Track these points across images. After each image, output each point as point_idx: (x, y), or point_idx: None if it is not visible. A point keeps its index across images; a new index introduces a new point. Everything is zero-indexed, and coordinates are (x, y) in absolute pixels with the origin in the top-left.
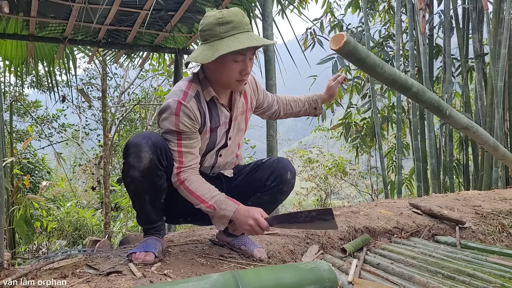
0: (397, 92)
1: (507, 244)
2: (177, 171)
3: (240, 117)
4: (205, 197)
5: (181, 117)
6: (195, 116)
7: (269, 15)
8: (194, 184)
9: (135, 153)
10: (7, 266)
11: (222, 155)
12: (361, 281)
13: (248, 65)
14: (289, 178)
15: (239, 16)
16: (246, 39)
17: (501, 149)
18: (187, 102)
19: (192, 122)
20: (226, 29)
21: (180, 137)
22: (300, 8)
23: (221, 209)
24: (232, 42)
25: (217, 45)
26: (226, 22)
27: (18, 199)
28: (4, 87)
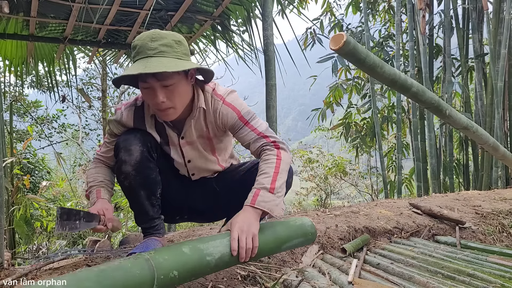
0: (397, 92)
1: (507, 244)
2: (93, 159)
3: (199, 141)
4: (89, 184)
5: (113, 119)
6: (124, 122)
7: (269, 15)
8: (89, 172)
9: (125, 148)
10: (7, 266)
11: (194, 174)
12: (361, 281)
13: (159, 94)
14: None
15: (145, 40)
16: (136, 67)
17: (501, 149)
18: (125, 109)
19: (118, 125)
20: (133, 54)
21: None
22: (300, 8)
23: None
24: (129, 68)
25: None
26: (133, 47)
27: (18, 199)
28: (4, 87)
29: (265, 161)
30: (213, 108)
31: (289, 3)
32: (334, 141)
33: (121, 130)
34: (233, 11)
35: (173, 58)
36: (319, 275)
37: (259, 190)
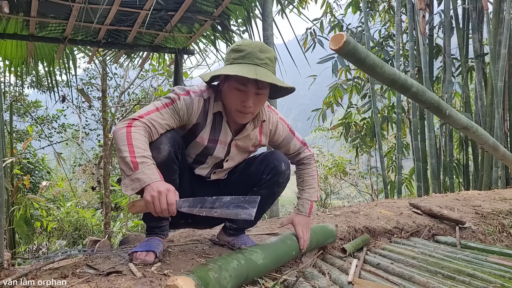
0: (397, 92)
1: (507, 244)
2: (136, 117)
3: (248, 148)
4: (137, 150)
5: (182, 98)
6: (192, 109)
7: (269, 15)
8: (138, 135)
9: (155, 145)
10: (7, 266)
11: (216, 173)
12: (361, 281)
13: (250, 98)
14: (283, 169)
15: (254, 49)
16: (247, 70)
17: (501, 149)
18: (195, 96)
19: (185, 109)
20: (236, 57)
21: (170, 104)
22: (300, 8)
23: (143, 172)
24: (232, 68)
25: (222, 68)
26: (239, 50)
27: (18, 199)
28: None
29: (311, 176)
30: (271, 121)
31: (289, 3)
32: (334, 141)
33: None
34: (233, 11)
35: (272, 72)
36: (319, 275)
37: (313, 202)
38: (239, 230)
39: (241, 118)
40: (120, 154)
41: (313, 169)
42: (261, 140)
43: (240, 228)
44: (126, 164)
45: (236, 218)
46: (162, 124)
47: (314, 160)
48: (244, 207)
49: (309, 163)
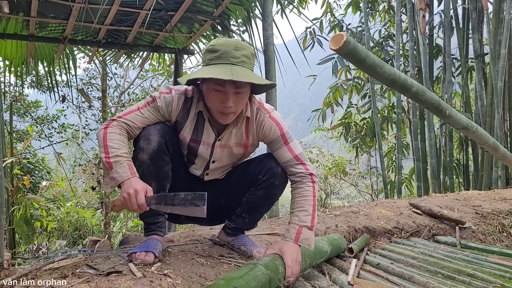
0: (397, 92)
1: (507, 244)
2: (114, 119)
3: (235, 148)
4: (111, 150)
5: (162, 96)
6: (171, 107)
7: (269, 15)
8: (113, 135)
9: (145, 136)
10: (7, 266)
11: (208, 174)
12: (361, 281)
13: (230, 98)
14: (280, 171)
15: (229, 47)
16: (223, 71)
17: (501, 149)
18: (176, 94)
19: (165, 107)
20: (211, 57)
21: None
22: (300, 8)
23: (115, 171)
24: (207, 70)
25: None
26: (213, 50)
27: (18, 199)
28: (4, 87)
29: (303, 197)
30: (259, 119)
31: (289, 3)
32: (334, 141)
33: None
34: (233, 11)
35: (250, 70)
36: (319, 275)
37: (301, 228)
38: (237, 230)
39: (224, 119)
40: (100, 155)
41: (306, 189)
42: (248, 139)
43: (238, 228)
44: (104, 164)
45: (193, 215)
46: (141, 120)
47: (311, 180)
48: (196, 204)
49: (301, 181)
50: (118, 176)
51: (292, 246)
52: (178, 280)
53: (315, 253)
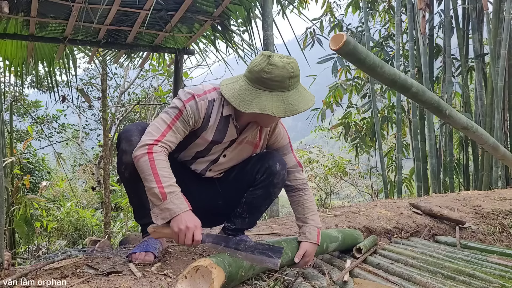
0: (397, 92)
1: (507, 244)
2: (153, 142)
3: (245, 145)
4: (164, 180)
5: (187, 105)
6: (198, 113)
7: (269, 15)
8: (162, 162)
9: (126, 138)
10: (7, 266)
11: (211, 169)
12: (361, 281)
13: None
14: (278, 169)
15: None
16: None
17: (501, 149)
18: (199, 100)
19: (193, 115)
20: (293, 82)
21: (179, 116)
22: (300, 8)
23: (171, 202)
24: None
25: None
26: (295, 76)
27: (18, 199)
28: (4, 87)
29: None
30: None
31: (289, 3)
32: (334, 141)
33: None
34: (233, 11)
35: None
36: (319, 275)
37: (319, 229)
38: (238, 230)
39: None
40: (147, 184)
41: (310, 194)
42: (260, 139)
43: (238, 229)
44: (154, 195)
45: (261, 265)
46: (176, 142)
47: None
48: (269, 255)
49: (305, 188)
50: (176, 207)
51: (312, 246)
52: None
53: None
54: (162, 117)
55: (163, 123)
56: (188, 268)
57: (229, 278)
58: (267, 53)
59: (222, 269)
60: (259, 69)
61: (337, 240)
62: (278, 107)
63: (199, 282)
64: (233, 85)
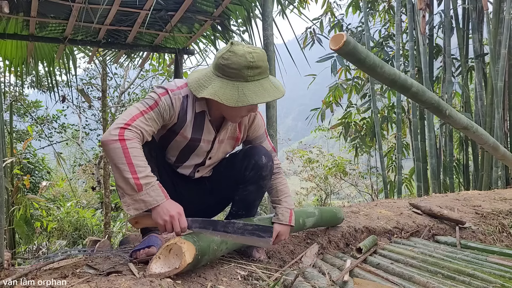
0: (397, 92)
1: (507, 244)
2: (122, 125)
3: (227, 141)
4: (139, 169)
5: (163, 98)
6: (173, 108)
7: (269, 15)
8: (135, 150)
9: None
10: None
11: (199, 171)
12: (361, 281)
13: (246, 111)
14: (264, 162)
15: (265, 61)
16: (270, 89)
17: (501, 149)
18: (173, 95)
19: (168, 109)
20: (254, 74)
21: (154, 107)
22: (300, 8)
23: (147, 194)
24: (258, 89)
25: (244, 89)
26: (256, 67)
27: (18, 199)
28: (4, 87)
29: (284, 185)
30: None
31: (289, 3)
32: (334, 141)
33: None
34: (233, 11)
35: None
36: (319, 275)
37: (292, 210)
38: None
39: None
40: (120, 173)
41: (283, 177)
42: (240, 132)
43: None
44: (128, 184)
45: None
46: (148, 131)
47: (282, 170)
48: (259, 235)
49: (278, 172)
50: (152, 200)
51: (284, 227)
52: (178, 280)
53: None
54: (135, 105)
55: (135, 109)
56: (160, 249)
57: (200, 251)
58: (233, 41)
59: (192, 243)
60: (219, 55)
61: (314, 215)
62: (229, 95)
63: (174, 261)
64: (199, 72)
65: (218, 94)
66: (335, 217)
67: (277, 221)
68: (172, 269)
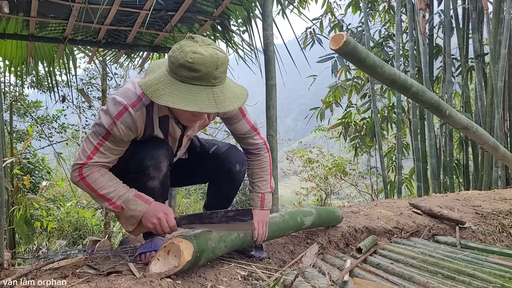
0: (397, 92)
1: (507, 244)
2: (79, 165)
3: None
4: (111, 196)
5: (119, 123)
6: (135, 127)
7: (269, 15)
8: (97, 182)
9: (155, 166)
10: (7, 266)
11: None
12: (361, 281)
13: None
14: (238, 169)
15: (210, 68)
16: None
17: (501, 149)
18: (135, 111)
19: (128, 132)
20: (189, 76)
21: (107, 137)
22: (300, 8)
23: (129, 209)
24: (187, 94)
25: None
26: (193, 69)
27: (18, 199)
28: (4, 87)
29: (261, 168)
30: None
31: (289, 3)
32: (334, 141)
33: (130, 135)
34: (233, 11)
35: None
36: (319, 275)
37: (264, 194)
38: None
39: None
40: (100, 202)
41: (263, 160)
42: (209, 119)
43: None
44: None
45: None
46: (109, 161)
47: (266, 150)
48: (241, 219)
49: (258, 153)
50: (136, 212)
51: (258, 212)
52: (178, 280)
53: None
54: (89, 137)
55: (90, 144)
56: (159, 251)
57: (199, 249)
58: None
59: (189, 241)
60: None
61: (311, 214)
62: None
63: (173, 262)
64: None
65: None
66: (333, 215)
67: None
68: (172, 268)
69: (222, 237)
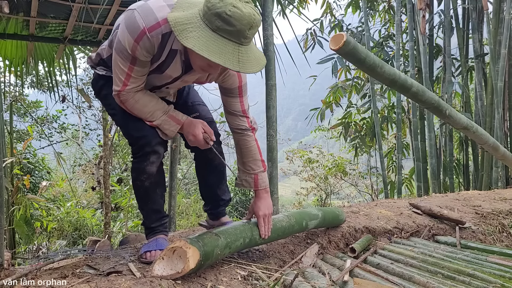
0: (397, 92)
1: (507, 244)
2: (117, 92)
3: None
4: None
5: (140, 46)
6: (153, 51)
7: (269, 15)
8: (134, 108)
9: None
10: (7, 266)
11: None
12: (361, 281)
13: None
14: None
15: (245, 26)
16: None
17: (501, 149)
18: (152, 36)
19: (148, 55)
20: (222, 28)
21: (134, 63)
22: (300, 8)
23: (164, 129)
24: (214, 45)
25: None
26: (228, 23)
27: (18, 199)
28: (4, 87)
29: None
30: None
31: (289, 3)
32: (334, 141)
33: (148, 57)
34: None
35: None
36: (319, 275)
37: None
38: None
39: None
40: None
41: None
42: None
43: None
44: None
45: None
46: (141, 84)
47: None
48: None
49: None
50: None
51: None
52: (178, 280)
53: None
54: (118, 62)
55: (121, 71)
56: (165, 250)
57: (204, 257)
58: None
59: (197, 249)
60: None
61: (317, 218)
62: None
63: (176, 263)
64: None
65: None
66: (337, 218)
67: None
68: (174, 273)
69: (229, 244)
